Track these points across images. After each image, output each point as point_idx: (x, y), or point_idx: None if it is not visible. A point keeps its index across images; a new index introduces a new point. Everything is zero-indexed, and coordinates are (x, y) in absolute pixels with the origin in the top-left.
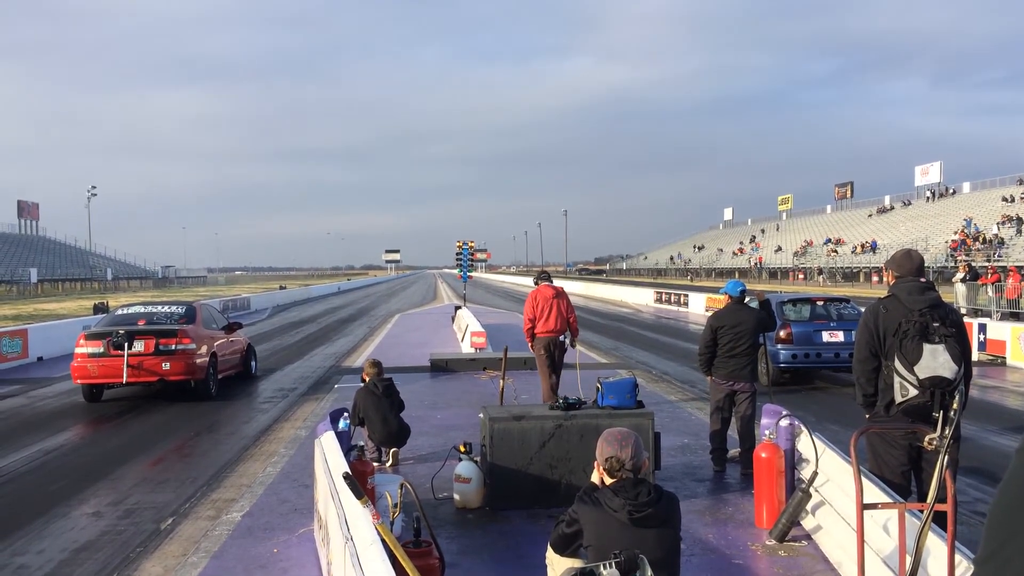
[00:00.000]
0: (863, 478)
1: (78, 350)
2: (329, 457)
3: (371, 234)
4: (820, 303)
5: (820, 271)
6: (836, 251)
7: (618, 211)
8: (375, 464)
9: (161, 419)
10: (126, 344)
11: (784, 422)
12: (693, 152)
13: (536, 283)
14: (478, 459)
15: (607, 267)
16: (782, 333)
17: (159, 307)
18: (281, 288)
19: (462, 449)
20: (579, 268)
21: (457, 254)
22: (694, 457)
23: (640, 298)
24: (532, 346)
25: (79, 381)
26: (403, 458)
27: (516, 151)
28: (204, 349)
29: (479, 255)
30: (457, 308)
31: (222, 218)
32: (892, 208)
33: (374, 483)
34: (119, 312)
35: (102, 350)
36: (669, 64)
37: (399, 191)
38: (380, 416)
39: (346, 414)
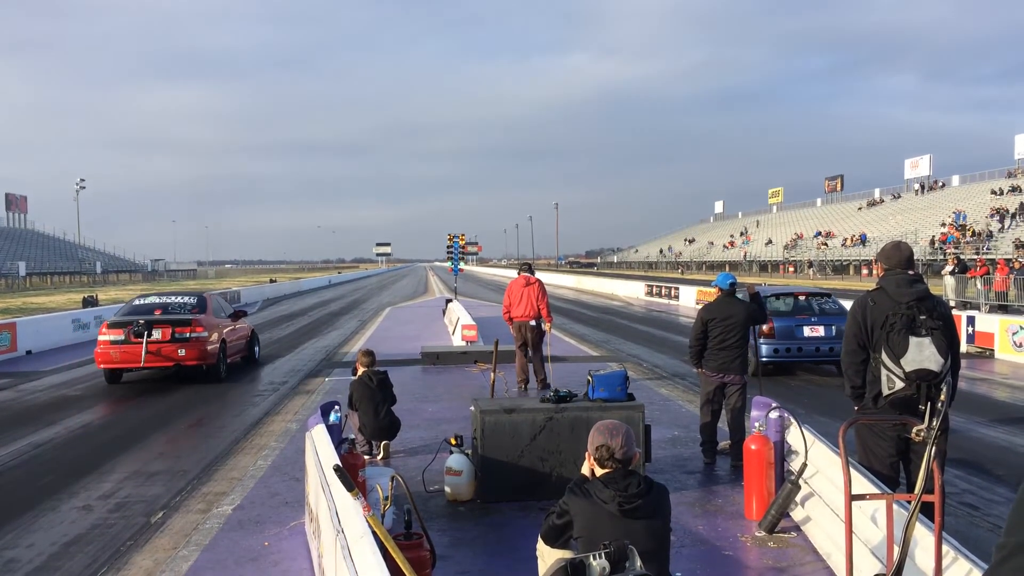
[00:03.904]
0: (851, 469)
1: (101, 337)
2: (320, 450)
3: (362, 227)
4: (802, 297)
5: (810, 264)
6: (826, 244)
7: (609, 204)
8: (366, 457)
9: (151, 413)
10: (145, 332)
11: (774, 414)
12: (685, 146)
13: (518, 273)
14: (469, 452)
15: (598, 260)
16: (764, 328)
17: (173, 297)
18: (271, 281)
19: (453, 442)
20: (569, 261)
21: (448, 247)
22: (684, 449)
23: (631, 291)
24: (511, 328)
25: (102, 366)
26: (394, 451)
27: (510, 145)
28: (215, 336)
29: (470, 248)
30: (448, 301)
31: (212, 211)
32: (882, 201)
33: (365, 476)
34: (136, 302)
35: (123, 338)
36: (663, 59)
37: (391, 185)
38: (372, 409)
39: (337, 407)
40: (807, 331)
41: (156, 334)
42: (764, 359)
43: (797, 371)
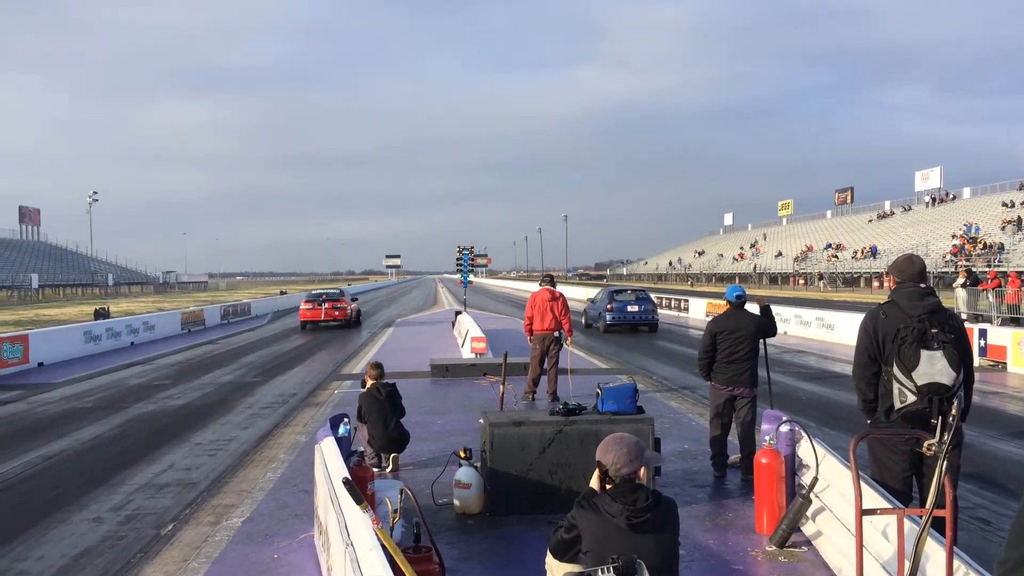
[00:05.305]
0: (863, 483)
1: (302, 307)
2: (329, 462)
3: (372, 239)
4: (630, 292)
5: (820, 276)
6: (836, 256)
7: (619, 217)
8: (375, 470)
9: (163, 425)
10: (324, 304)
11: (784, 427)
12: (695, 158)
13: (540, 285)
14: (478, 465)
15: (607, 272)
16: (609, 307)
17: (329, 291)
18: (282, 293)
19: (462, 455)
20: (579, 273)
21: (458, 259)
22: (694, 463)
23: None
24: (529, 340)
25: (302, 319)
26: (403, 464)
27: (520, 157)
28: (348, 308)
29: (480, 260)
30: (457, 313)
31: (224, 224)
32: (892, 213)
33: (374, 489)
34: (313, 292)
35: (312, 306)
36: (674, 73)
37: (402, 197)
38: (381, 421)
39: (346, 419)
40: (629, 308)
41: (326, 305)
42: (609, 323)
43: (807, 384)
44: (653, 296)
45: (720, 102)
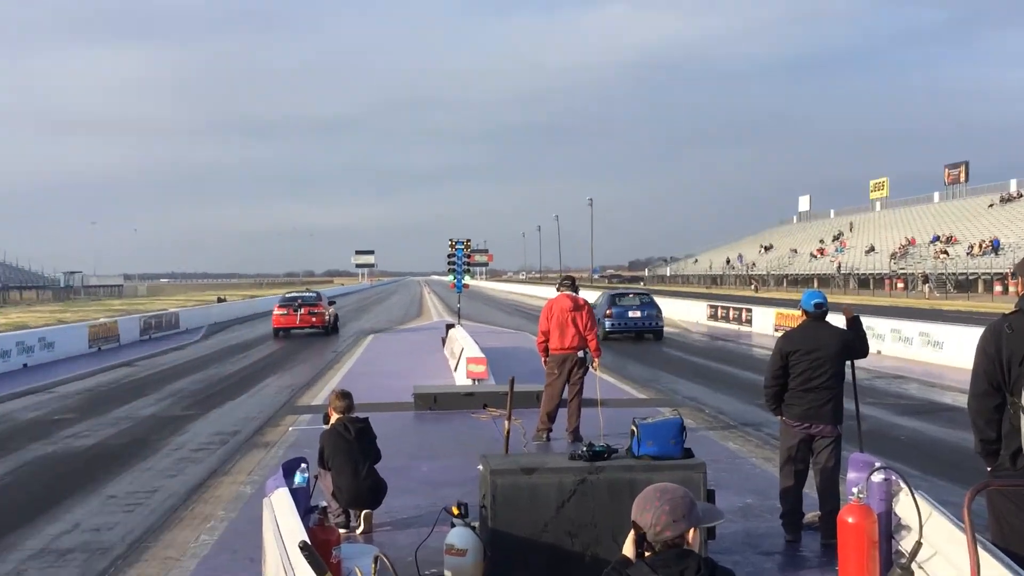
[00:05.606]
0: (981, 550)
1: (275, 312)
2: (282, 521)
3: (338, 231)
4: (632, 296)
5: (925, 279)
6: (946, 252)
7: (660, 201)
8: (341, 531)
9: (66, 471)
10: (299, 309)
11: (878, 476)
12: (758, 125)
13: (557, 290)
14: (476, 525)
15: (645, 273)
16: (609, 312)
17: (304, 294)
18: (220, 301)
19: (455, 512)
20: (609, 274)
21: (450, 256)
22: (759, 522)
23: (688, 314)
24: (545, 362)
25: (276, 326)
26: (378, 522)
27: (531, 124)
28: (326, 313)
29: (478, 257)
30: (449, 327)
31: (145, 211)
32: (1020, 196)
33: (340, 555)
34: (288, 296)
35: (286, 312)
36: (729, 12)
37: (378, 174)
38: (350, 467)
39: (304, 465)
40: (631, 314)
41: (301, 310)
42: (608, 331)
43: (907, 420)
44: (706, 304)
45: (793, 50)
